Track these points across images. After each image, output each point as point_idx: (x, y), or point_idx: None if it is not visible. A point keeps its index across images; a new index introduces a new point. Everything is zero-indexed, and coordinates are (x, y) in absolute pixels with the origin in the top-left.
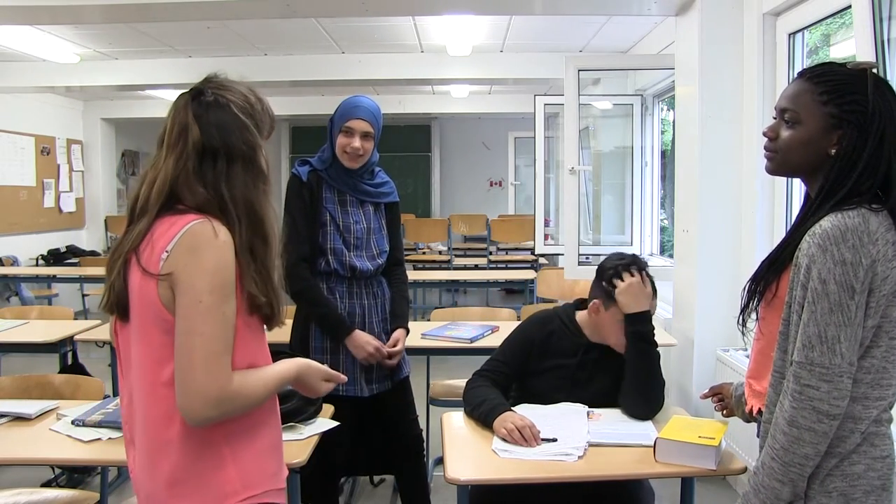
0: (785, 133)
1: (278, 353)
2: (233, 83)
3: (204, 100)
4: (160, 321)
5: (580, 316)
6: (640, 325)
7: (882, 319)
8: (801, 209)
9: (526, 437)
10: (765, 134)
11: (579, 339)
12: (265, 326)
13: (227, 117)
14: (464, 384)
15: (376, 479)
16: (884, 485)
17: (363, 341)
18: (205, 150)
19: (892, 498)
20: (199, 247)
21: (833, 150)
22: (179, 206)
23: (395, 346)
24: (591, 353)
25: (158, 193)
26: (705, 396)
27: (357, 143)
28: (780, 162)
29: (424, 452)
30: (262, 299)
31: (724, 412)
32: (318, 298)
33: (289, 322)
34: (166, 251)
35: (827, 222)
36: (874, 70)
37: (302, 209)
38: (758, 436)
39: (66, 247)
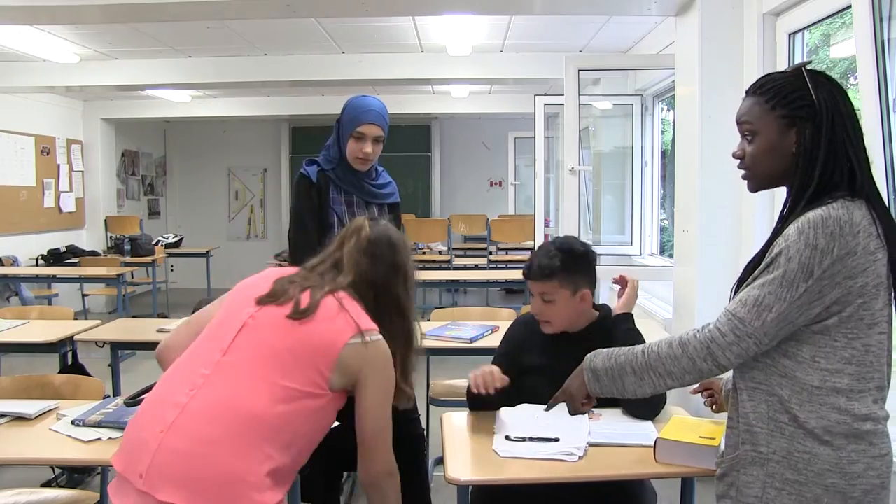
0: (749, 149)
1: None
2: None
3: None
4: (309, 382)
5: None
6: (631, 323)
7: (864, 312)
8: (780, 212)
9: (484, 381)
10: (734, 155)
11: (557, 333)
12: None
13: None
14: (464, 384)
15: None
16: (883, 483)
17: None
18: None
19: (890, 496)
20: (387, 363)
21: (795, 149)
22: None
23: None
24: (574, 345)
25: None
26: (696, 392)
27: (369, 148)
28: (754, 176)
29: (426, 452)
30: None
31: (714, 408)
32: None
33: None
34: (369, 336)
35: (812, 212)
36: (808, 67)
37: (311, 210)
38: None
39: (66, 247)
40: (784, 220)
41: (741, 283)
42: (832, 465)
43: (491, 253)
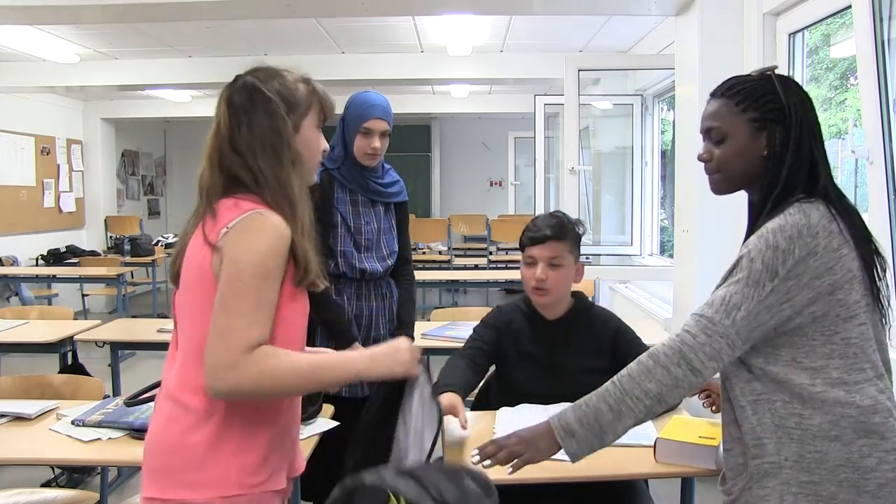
0: (717, 151)
1: None
2: (271, 67)
3: (236, 84)
4: (212, 292)
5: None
6: None
7: (839, 308)
8: (749, 219)
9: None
10: (700, 158)
11: (538, 321)
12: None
13: (251, 90)
14: None
15: None
16: None
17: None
18: (230, 127)
19: None
20: (250, 229)
21: (765, 152)
22: (240, 192)
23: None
24: (556, 332)
25: (209, 165)
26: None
27: (377, 142)
28: (723, 179)
29: None
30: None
31: (713, 409)
32: (327, 302)
33: None
34: (226, 227)
35: (770, 222)
36: (776, 70)
37: (313, 211)
38: None
39: (66, 247)
40: (753, 227)
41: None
42: (843, 460)
43: (491, 253)
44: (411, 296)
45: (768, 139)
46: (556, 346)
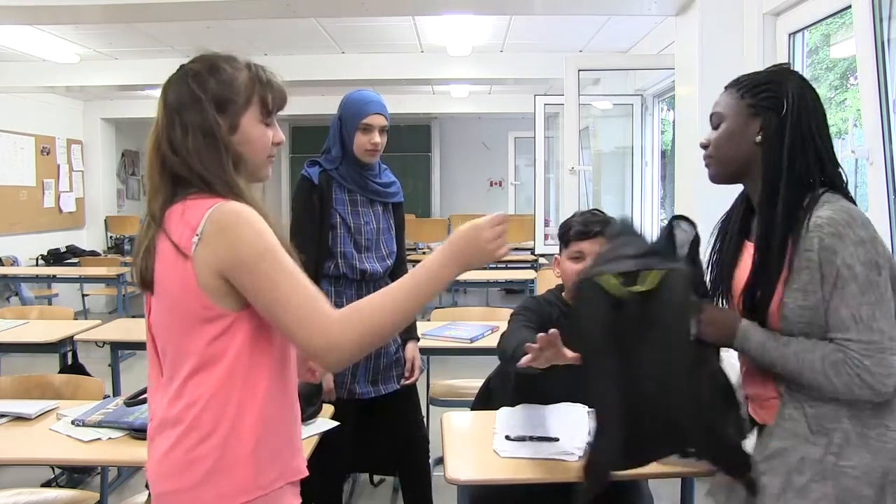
0: (713, 135)
1: None
2: (213, 54)
3: (171, 77)
4: (200, 312)
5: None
6: None
7: None
8: (729, 212)
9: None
10: (700, 144)
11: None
12: None
13: (182, 87)
14: (464, 384)
15: (376, 478)
16: None
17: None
18: (167, 123)
19: None
20: (227, 226)
21: (758, 138)
22: (190, 192)
23: (412, 369)
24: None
25: (151, 166)
26: None
27: (377, 138)
28: (717, 162)
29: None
30: None
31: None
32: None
33: None
34: (197, 235)
35: (824, 212)
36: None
37: (311, 214)
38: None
39: (66, 247)
40: (762, 211)
41: (754, 287)
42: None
43: None
44: None
45: (762, 125)
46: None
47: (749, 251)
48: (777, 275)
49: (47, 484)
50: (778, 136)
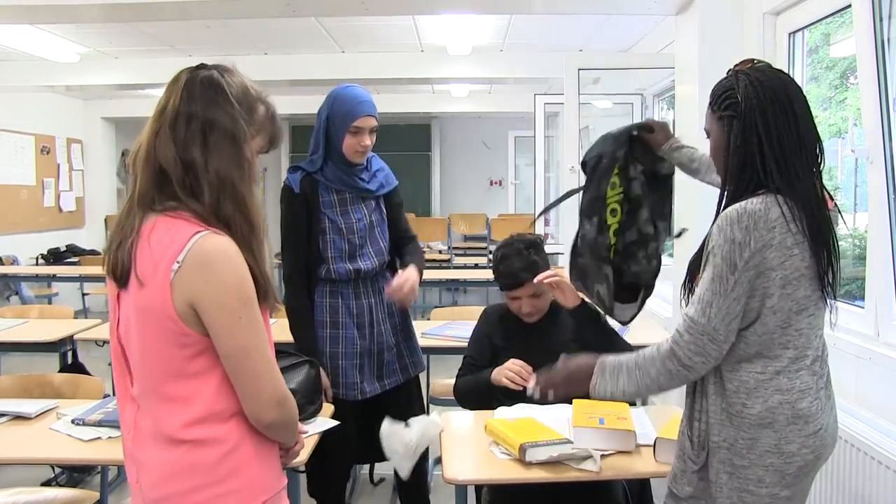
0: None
1: (283, 353)
2: (240, 73)
3: (200, 73)
4: (176, 335)
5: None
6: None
7: (790, 302)
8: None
9: (525, 374)
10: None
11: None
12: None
13: (215, 92)
14: None
15: (376, 478)
16: (818, 456)
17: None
18: (179, 113)
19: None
20: (208, 263)
21: (729, 146)
22: (170, 203)
23: (403, 281)
24: (521, 332)
25: (142, 160)
26: None
27: (368, 140)
28: (720, 173)
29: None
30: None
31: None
32: (304, 322)
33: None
34: (177, 262)
35: (731, 207)
36: (742, 68)
37: (296, 223)
38: None
39: (66, 246)
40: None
41: (686, 280)
42: (771, 446)
43: (491, 252)
44: (419, 249)
45: (727, 133)
46: (540, 344)
47: None
48: (698, 264)
49: (47, 483)
50: (741, 142)
